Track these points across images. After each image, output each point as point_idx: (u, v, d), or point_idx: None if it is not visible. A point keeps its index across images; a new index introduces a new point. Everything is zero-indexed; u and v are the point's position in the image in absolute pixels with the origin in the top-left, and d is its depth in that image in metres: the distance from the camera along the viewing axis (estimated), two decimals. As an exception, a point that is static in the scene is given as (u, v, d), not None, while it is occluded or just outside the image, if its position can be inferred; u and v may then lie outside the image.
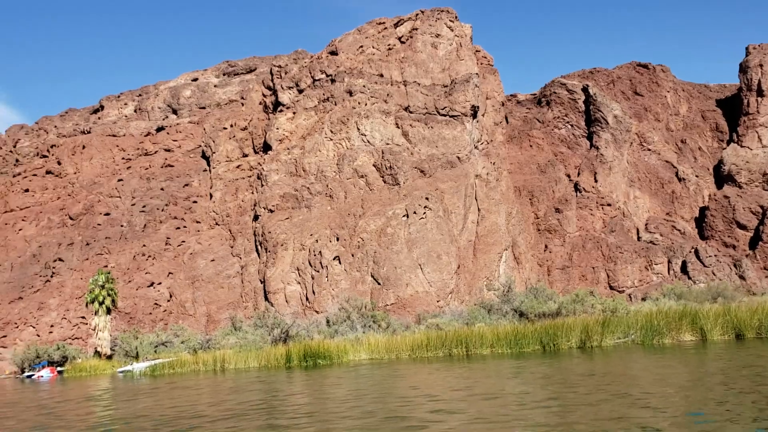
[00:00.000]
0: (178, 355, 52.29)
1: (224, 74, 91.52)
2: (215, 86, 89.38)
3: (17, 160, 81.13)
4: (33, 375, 57.64)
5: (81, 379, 49.08)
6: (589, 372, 19.76)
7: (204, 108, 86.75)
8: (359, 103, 67.66)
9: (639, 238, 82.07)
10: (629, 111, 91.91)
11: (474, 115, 71.59)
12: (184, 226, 73.16)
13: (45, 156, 78.64)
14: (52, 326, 65.98)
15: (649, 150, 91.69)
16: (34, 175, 75.51)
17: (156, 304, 68.20)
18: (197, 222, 73.84)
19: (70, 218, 71.54)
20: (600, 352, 28.03)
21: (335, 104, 68.75)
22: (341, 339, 42.82)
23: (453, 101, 70.24)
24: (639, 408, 12.11)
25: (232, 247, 70.13)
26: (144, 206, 72.58)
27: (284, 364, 37.84)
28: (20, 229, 71.49)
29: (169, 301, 68.28)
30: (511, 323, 42.61)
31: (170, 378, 38.15)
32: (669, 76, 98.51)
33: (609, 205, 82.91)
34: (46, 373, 56.48)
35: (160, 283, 69.11)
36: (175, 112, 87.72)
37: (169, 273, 69.58)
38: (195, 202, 74.78)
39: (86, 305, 61.83)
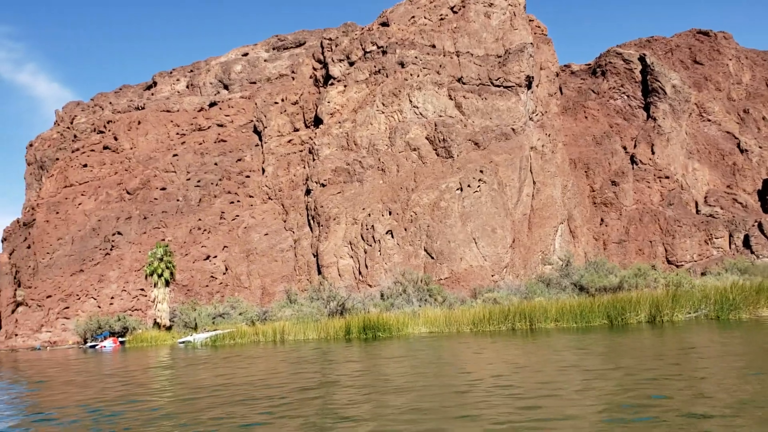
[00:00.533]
0: (236, 327, 53.20)
1: (274, 49, 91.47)
2: (265, 61, 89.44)
3: (75, 136, 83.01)
4: (96, 345, 59.43)
5: (142, 349, 50.32)
6: (685, 346, 19.02)
7: (255, 83, 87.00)
8: (411, 74, 66.75)
9: (698, 212, 79.46)
10: (688, 80, 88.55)
11: (528, 86, 69.97)
12: (238, 201, 73.91)
13: (102, 132, 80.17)
14: (112, 298, 67.77)
15: (709, 121, 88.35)
16: (92, 150, 77.13)
17: (212, 276, 69.35)
18: (250, 196, 74.49)
19: (128, 193, 72.98)
20: (672, 327, 27.16)
21: (387, 76, 67.99)
22: (398, 312, 42.70)
23: (507, 72, 68.69)
24: (747, 384, 11.48)
25: (284, 221, 70.58)
26: (199, 181, 73.51)
27: (343, 336, 37.96)
28: (80, 204, 73.31)
29: (224, 273, 69.33)
30: (571, 297, 41.85)
31: (231, 349, 38.68)
32: (731, 43, 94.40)
33: (667, 177, 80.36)
34: (108, 344, 58.16)
35: (215, 257, 70.18)
36: (226, 87, 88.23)
37: (224, 246, 70.56)
38: (248, 176, 75.40)
39: (145, 277, 63.24)
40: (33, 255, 71.71)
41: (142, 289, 68.08)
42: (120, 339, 60.46)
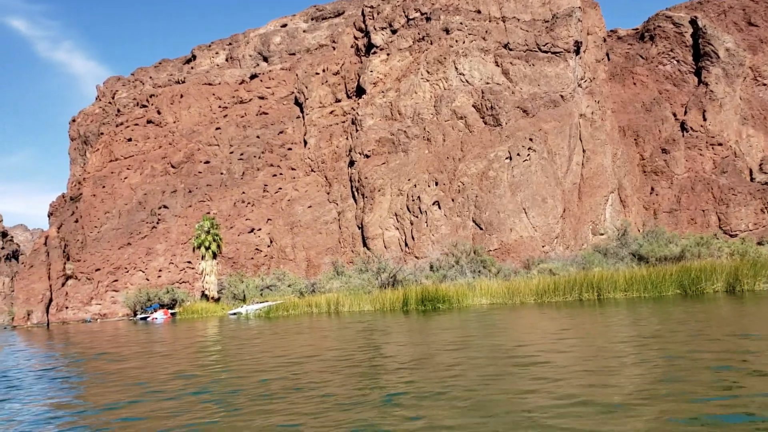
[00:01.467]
0: (285, 298, 53.15)
1: (312, 19, 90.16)
2: (304, 32, 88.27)
3: (119, 110, 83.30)
4: (147, 317, 60.04)
5: (194, 320, 50.50)
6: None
7: (294, 54, 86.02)
8: (456, 41, 65.09)
9: (753, 179, 76.76)
10: (743, 43, 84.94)
11: (577, 52, 67.81)
12: (281, 173, 73.57)
13: (145, 106, 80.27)
14: (160, 271, 68.33)
15: (765, 85, 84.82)
16: (136, 124, 77.33)
17: (257, 249, 69.41)
18: (293, 169, 74.07)
19: (172, 166, 73.12)
20: (754, 296, 25.88)
21: (431, 43, 66.43)
22: (452, 284, 41.89)
23: (555, 37, 66.59)
24: None
25: (328, 193, 70.06)
26: (242, 154, 73.29)
27: (401, 308, 37.36)
28: (125, 178, 73.74)
29: (269, 246, 69.32)
30: (630, 267, 40.55)
31: (286, 320, 38.39)
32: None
33: (720, 144, 77.63)
34: (159, 315, 58.68)
35: (259, 229, 70.17)
36: (265, 59, 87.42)
37: (268, 219, 70.46)
38: (290, 149, 74.91)
39: (193, 250, 63.53)
40: (81, 229, 72.54)
41: (189, 262, 68.51)
42: (170, 311, 60.98)
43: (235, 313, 50.19)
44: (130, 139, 76.22)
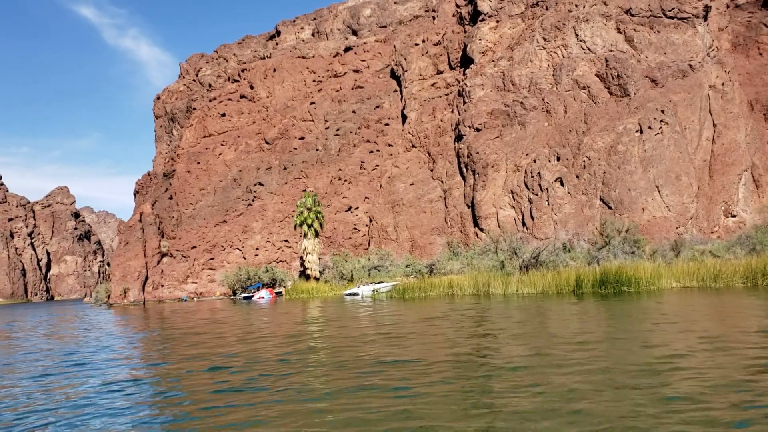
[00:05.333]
0: (395, 279, 49.85)
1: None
2: (395, 3, 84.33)
3: (210, 86, 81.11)
4: (252, 296, 57.52)
5: (305, 300, 47.48)
6: None
7: (385, 27, 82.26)
8: (576, 5, 60.24)
9: None
10: None
11: (705, 17, 62.06)
12: (377, 150, 70.15)
13: (236, 80, 77.78)
14: (257, 249, 65.90)
15: None
16: (229, 99, 74.88)
17: (355, 228, 66.32)
18: (389, 145, 70.55)
19: (267, 142, 70.45)
20: None
21: (547, 9, 61.72)
22: (633, 265, 37.46)
23: (682, 1, 60.97)
24: None
25: (431, 170, 66.27)
26: (337, 130, 70.07)
27: (571, 291, 33.37)
28: (220, 154, 71.44)
29: (368, 225, 66.11)
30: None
31: (427, 302, 34.80)
32: None
33: None
34: (265, 295, 56.10)
35: (357, 208, 67.04)
36: (354, 33, 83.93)
37: (366, 197, 67.24)
38: (387, 124, 71.35)
39: (294, 228, 60.79)
40: (176, 206, 70.67)
41: (286, 241, 65.88)
42: (275, 290, 58.39)
43: (353, 293, 46.99)
44: (223, 115, 73.83)
